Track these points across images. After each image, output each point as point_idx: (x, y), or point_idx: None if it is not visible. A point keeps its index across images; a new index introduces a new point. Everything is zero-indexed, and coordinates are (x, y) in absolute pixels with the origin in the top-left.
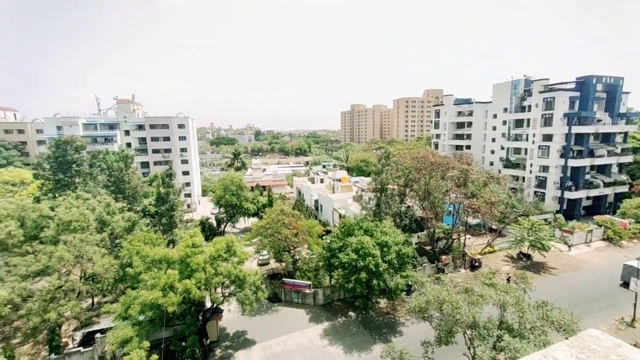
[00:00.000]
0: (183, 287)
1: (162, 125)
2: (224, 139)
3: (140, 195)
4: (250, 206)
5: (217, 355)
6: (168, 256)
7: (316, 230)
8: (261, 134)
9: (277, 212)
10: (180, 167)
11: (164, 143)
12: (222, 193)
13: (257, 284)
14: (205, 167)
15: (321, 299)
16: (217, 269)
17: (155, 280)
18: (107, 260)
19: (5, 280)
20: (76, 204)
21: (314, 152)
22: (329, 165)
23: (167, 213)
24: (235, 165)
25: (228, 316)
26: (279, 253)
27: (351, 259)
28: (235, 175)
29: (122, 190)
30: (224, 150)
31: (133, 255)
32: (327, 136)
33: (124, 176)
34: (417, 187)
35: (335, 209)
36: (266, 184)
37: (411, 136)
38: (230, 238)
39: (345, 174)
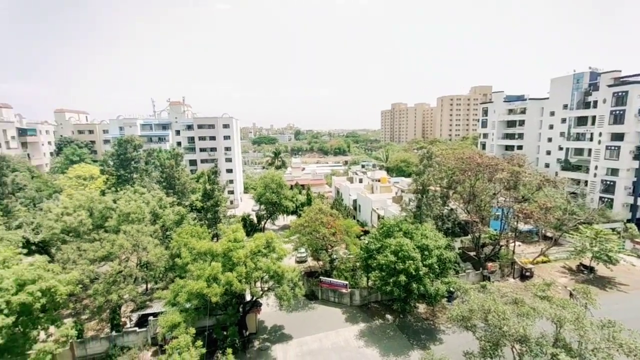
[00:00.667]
0: (225, 279)
1: (208, 125)
2: (265, 139)
3: (189, 191)
4: (289, 204)
5: (256, 347)
6: (212, 249)
7: (354, 230)
8: (301, 134)
9: (315, 211)
10: (224, 165)
11: (210, 142)
12: (263, 191)
13: (294, 281)
14: (247, 165)
15: (358, 299)
16: (257, 264)
17: (200, 271)
18: (159, 250)
19: (77, 262)
20: (134, 197)
21: (353, 152)
22: (368, 165)
23: (212, 208)
24: (275, 164)
25: (266, 310)
26: (316, 251)
27: (390, 261)
28: (275, 173)
29: (172, 185)
30: (265, 149)
31: (181, 246)
32: (366, 136)
33: (174, 173)
34: (461, 189)
35: (374, 210)
36: (305, 182)
37: (455, 136)
38: (270, 234)
39: (384, 174)
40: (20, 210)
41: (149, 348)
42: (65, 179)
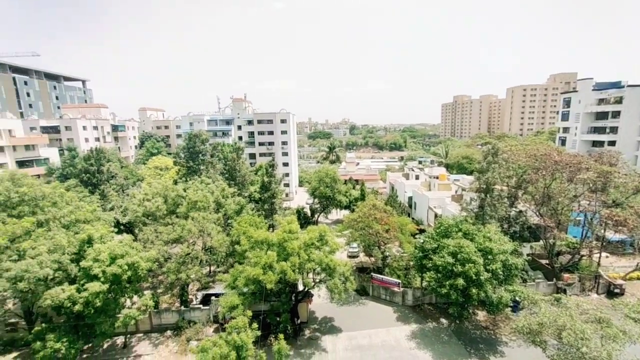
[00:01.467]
0: (280, 268)
1: (267, 121)
2: (320, 133)
3: (248, 183)
4: (342, 199)
5: (306, 336)
6: (268, 239)
7: (409, 228)
8: (356, 128)
9: (369, 207)
10: (281, 158)
11: (268, 137)
12: (317, 185)
13: (346, 275)
14: (302, 159)
15: (410, 299)
16: (310, 256)
17: (257, 259)
18: (221, 236)
19: (155, 243)
20: (201, 187)
21: (409, 147)
22: (425, 161)
23: (269, 200)
24: (330, 159)
25: (317, 301)
26: (368, 247)
27: (446, 263)
28: (329, 168)
29: (234, 177)
30: (320, 144)
31: (241, 235)
32: (424, 130)
33: (236, 165)
34: (533, 189)
35: (431, 208)
36: (359, 177)
37: (528, 130)
38: (323, 228)
39: (443, 171)
40: (113, 195)
41: (211, 325)
42: (146, 169)
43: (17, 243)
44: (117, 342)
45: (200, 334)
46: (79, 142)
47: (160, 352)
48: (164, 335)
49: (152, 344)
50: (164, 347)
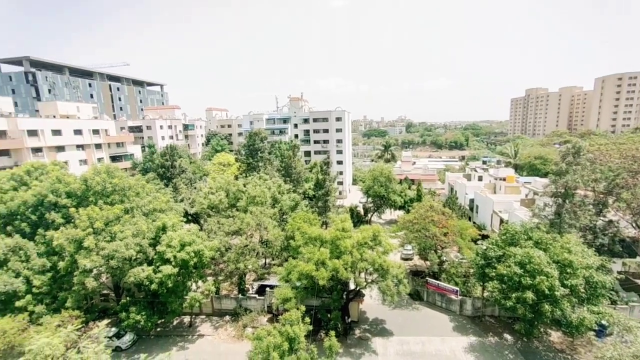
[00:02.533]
0: (333, 265)
1: (322, 119)
2: (375, 131)
3: (303, 180)
4: (397, 199)
5: (357, 335)
6: (322, 236)
7: (469, 233)
8: (412, 126)
9: (426, 208)
10: (335, 156)
11: (323, 135)
12: (371, 183)
13: (399, 277)
14: (357, 157)
15: (469, 309)
16: (362, 255)
17: (310, 255)
18: (276, 231)
19: (217, 233)
20: (259, 183)
21: (471, 146)
22: (490, 161)
23: (322, 197)
24: (385, 157)
25: (369, 302)
26: (424, 250)
27: (513, 273)
28: (384, 167)
29: (289, 174)
30: (375, 142)
31: (295, 230)
32: (489, 128)
33: (291, 163)
34: (628, 196)
35: (496, 212)
36: (415, 177)
37: (623, 127)
38: (377, 228)
39: (512, 172)
40: (183, 188)
41: (265, 314)
42: (211, 165)
43: (110, 227)
44: (184, 321)
45: (255, 322)
46: (157, 139)
47: (220, 334)
48: (224, 319)
49: (213, 326)
50: (223, 330)
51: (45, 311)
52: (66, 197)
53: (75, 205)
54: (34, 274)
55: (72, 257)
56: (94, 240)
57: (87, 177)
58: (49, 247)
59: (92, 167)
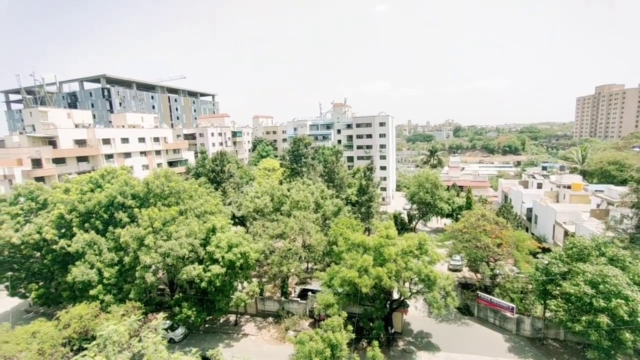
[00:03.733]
0: (376, 273)
1: (365, 124)
2: (420, 136)
3: (346, 185)
4: (444, 206)
5: (400, 347)
6: (365, 242)
7: (527, 245)
8: (461, 130)
9: (476, 217)
10: (378, 162)
11: (367, 140)
12: (416, 190)
13: (447, 289)
14: (401, 163)
15: (528, 329)
16: (407, 264)
17: (353, 261)
18: (319, 235)
19: (262, 236)
20: (302, 188)
21: (528, 150)
22: (552, 167)
23: (366, 203)
24: (431, 163)
25: (414, 313)
26: (474, 262)
27: (582, 293)
28: (430, 172)
29: (332, 179)
30: (420, 147)
31: (338, 236)
32: (549, 130)
33: (334, 168)
34: None
35: (559, 224)
36: (464, 184)
37: None
38: (423, 236)
39: (579, 179)
40: (231, 191)
41: (307, 319)
42: (257, 170)
43: (166, 227)
44: (230, 319)
45: (297, 325)
46: (208, 146)
47: (263, 335)
48: (267, 320)
49: (256, 326)
50: (266, 331)
51: (112, 300)
52: (131, 198)
53: (138, 206)
54: (105, 267)
55: (135, 253)
56: (153, 238)
57: (148, 181)
58: (116, 243)
59: (153, 172)
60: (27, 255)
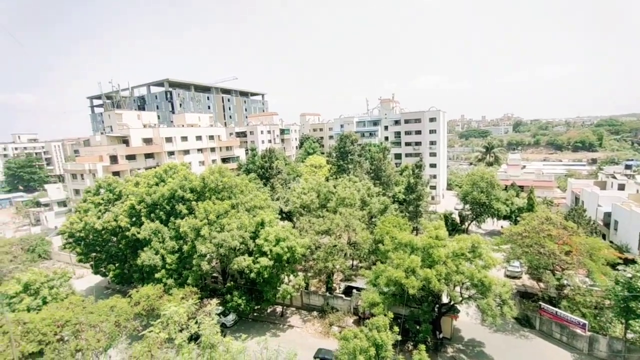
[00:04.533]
0: (424, 274)
1: (414, 120)
2: (474, 132)
3: (393, 183)
4: (501, 207)
5: (449, 354)
6: (413, 242)
7: (603, 255)
8: (522, 124)
9: (540, 220)
10: (428, 159)
11: (416, 136)
12: (469, 189)
13: (503, 297)
14: (452, 160)
15: (604, 350)
16: (458, 267)
17: (400, 261)
18: (365, 233)
19: (308, 232)
20: (348, 185)
21: (607, 146)
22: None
23: (414, 202)
24: (486, 160)
25: (464, 319)
26: (537, 270)
27: None
28: (485, 171)
29: (379, 177)
30: (474, 144)
31: (384, 234)
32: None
33: (381, 165)
34: None
35: None
36: (525, 184)
37: None
38: (476, 238)
39: None
40: (279, 187)
41: (351, 316)
42: (304, 166)
43: (220, 219)
44: (276, 310)
45: (341, 321)
46: (258, 143)
47: (308, 328)
48: (311, 314)
49: (301, 319)
50: (310, 324)
51: (173, 284)
52: (189, 192)
53: (195, 199)
54: (167, 253)
55: (192, 243)
56: (208, 229)
57: (204, 176)
58: (177, 232)
59: (208, 168)
60: (106, 239)
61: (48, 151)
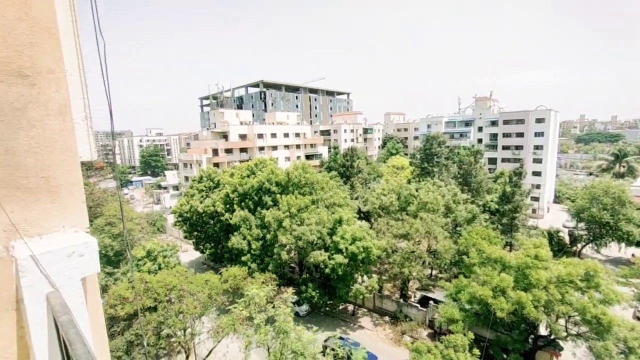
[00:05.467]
0: (517, 297)
1: (516, 121)
2: (598, 135)
3: (484, 191)
4: (634, 231)
5: None
6: (504, 259)
7: None
8: None
9: None
10: (531, 166)
11: (516, 139)
12: (586, 204)
13: (630, 344)
14: (564, 169)
15: None
16: (564, 296)
17: (487, 278)
18: (447, 242)
19: (385, 234)
20: (432, 189)
21: None
22: None
23: (509, 213)
24: (615, 171)
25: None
26: None
27: None
28: (612, 184)
29: (468, 183)
30: (597, 150)
31: (470, 246)
32: None
33: (472, 170)
34: None
35: None
36: None
37: None
38: (592, 265)
39: None
40: (358, 186)
41: (426, 328)
42: (385, 167)
43: (300, 213)
44: (348, 308)
45: (414, 332)
46: (341, 142)
47: (378, 332)
48: (383, 318)
49: (372, 321)
50: (381, 329)
51: (256, 269)
52: (275, 185)
53: (280, 192)
54: (253, 240)
55: (274, 233)
56: (289, 222)
57: (289, 171)
58: (262, 221)
59: (293, 163)
60: (205, 221)
61: (169, 143)
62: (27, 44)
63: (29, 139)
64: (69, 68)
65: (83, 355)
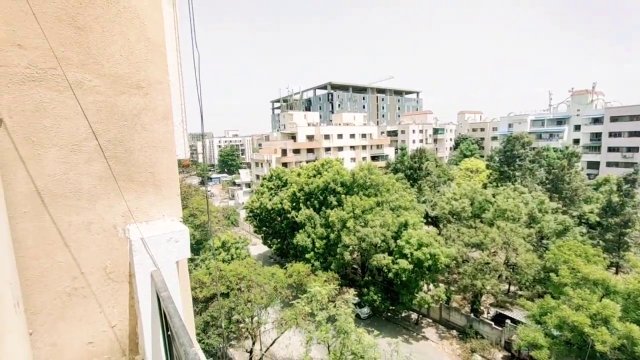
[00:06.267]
0: (626, 330)
1: (630, 117)
2: None
3: (580, 199)
4: None
5: None
6: (608, 282)
7: None
8: None
9: None
10: None
11: (628, 140)
12: None
13: None
14: None
15: None
16: None
17: (583, 302)
18: (530, 256)
19: (455, 242)
20: (512, 195)
21: None
22: None
23: (615, 228)
24: None
25: None
26: None
27: None
28: None
29: (558, 190)
30: None
31: (560, 262)
32: None
33: (564, 175)
34: None
35: None
36: None
37: None
38: None
39: None
40: (426, 190)
41: (500, 349)
42: (457, 170)
43: (364, 215)
44: (411, 316)
45: (487, 352)
46: (408, 143)
47: (444, 346)
48: (450, 332)
49: (438, 334)
50: (447, 343)
51: (319, 267)
52: (340, 186)
53: (344, 193)
54: (317, 238)
55: (338, 233)
56: (353, 223)
57: (354, 172)
58: (326, 221)
59: (358, 164)
60: (273, 218)
61: (243, 144)
62: (144, 60)
63: (142, 140)
64: (172, 78)
65: (180, 328)
